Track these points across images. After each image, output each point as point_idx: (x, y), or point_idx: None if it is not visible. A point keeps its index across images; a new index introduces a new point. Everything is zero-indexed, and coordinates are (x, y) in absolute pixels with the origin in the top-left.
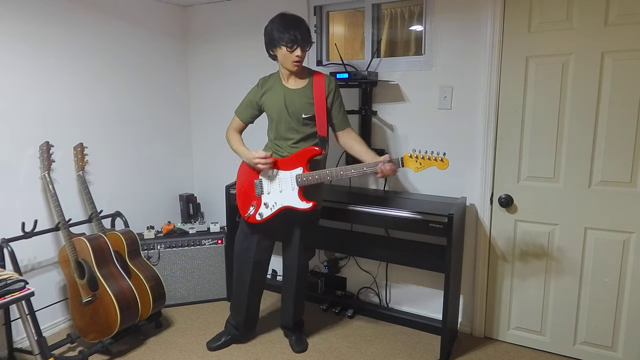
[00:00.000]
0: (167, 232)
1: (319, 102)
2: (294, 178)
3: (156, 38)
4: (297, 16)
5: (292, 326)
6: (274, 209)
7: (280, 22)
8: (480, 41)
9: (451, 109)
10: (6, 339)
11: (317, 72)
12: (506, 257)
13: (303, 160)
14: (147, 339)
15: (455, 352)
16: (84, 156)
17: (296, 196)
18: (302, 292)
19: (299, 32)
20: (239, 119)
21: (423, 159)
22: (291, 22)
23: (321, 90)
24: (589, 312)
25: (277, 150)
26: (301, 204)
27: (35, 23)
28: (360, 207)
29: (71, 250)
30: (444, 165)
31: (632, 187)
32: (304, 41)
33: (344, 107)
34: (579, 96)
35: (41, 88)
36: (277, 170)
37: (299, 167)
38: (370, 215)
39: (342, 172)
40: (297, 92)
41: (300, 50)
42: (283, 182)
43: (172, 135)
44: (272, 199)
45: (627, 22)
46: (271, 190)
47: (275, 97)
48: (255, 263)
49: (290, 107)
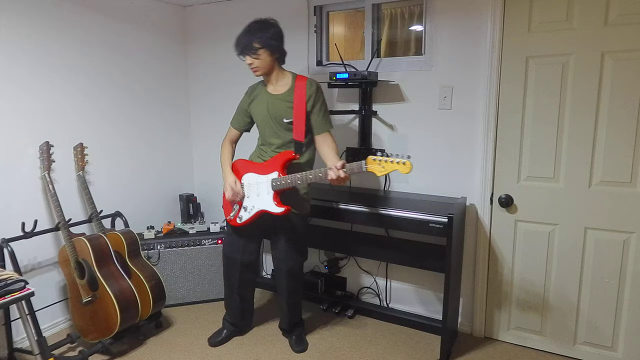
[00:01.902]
0: (167, 232)
1: (299, 107)
2: (269, 182)
3: (156, 38)
4: (252, 22)
5: (288, 328)
6: (252, 212)
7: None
8: (480, 41)
9: (451, 109)
10: (6, 339)
11: (301, 76)
12: (506, 257)
13: (278, 164)
14: (147, 339)
15: (455, 352)
16: (84, 156)
17: (271, 200)
18: (295, 296)
19: (238, 41)
20: (234, 128)
21: (386, 162)
22: (241, 32)
23: (302, 94)
24: (589, 312)
25: (261, 155)
26: (275, 208)
27: (35, 23)
28: (360, 207)
29: (71, 250)
30: (406, 168)
31: (632, 187)
32: (242, 50)
33: (325, 111)
34: (579, 96)
35: (41, 88)
36: (256, 174)
37: (275, 171)
38: (370, 215)
39: (310, 176)
40: (279, 97)
41: (248, 58)
42: (260, 186)
43: (172, 135)
44: (250, 203)
45: (627, 22)
46: (250, 194)
47: (260, 104)
48: (242, 265)
49: (272, 112)
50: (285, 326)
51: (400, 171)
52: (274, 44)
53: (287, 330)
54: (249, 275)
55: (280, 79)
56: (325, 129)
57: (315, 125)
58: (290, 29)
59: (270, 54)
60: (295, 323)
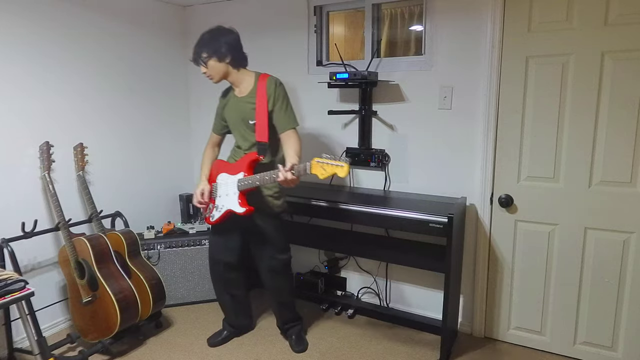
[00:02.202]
0: (167, 232)
1: (261, 107)
2: (235, 182)
3: (156, 38)
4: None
5: (282, 327)
6: (222, 211)
7: None
8: (480, 41)
9: (451, 109)
10: (6, 339)
11: (264, 75)
12: (506, 257)
13: (244, 165)
14: (147, 339)
15: (455, 352)
16: (84, 156)
17: (236, 200)
18: (282, 294)
19: (192, 52)
20: (213, 132)
21: (327, 165)
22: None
23: (263, 94)
24: (589, 312)
25: (233, 156)
26: (238, 208)
27: (35, 23)
28: (360, 207)
29: (71, 250)
30: (343, 171)
31: (632, 187)
32: (193, 60)
33: (287, 108)
34: (579, 96)
35: (41, 88)
36: (227, 174)
37: (241, 172)
38: (370, 215)
39: (266, 177)
40: (243, 100)
41: (202, 67)
42: (229, 186)
43: (172, 135)
44: (221, 202)
45: (627, 22)
46: (221, 193)
47: (230, 108)
48: (225, 265)
49: (240, 115)
50: (279, 325)
51: (338, 174)
52: (222, 52)
53: (282, 330)
54: (233, 274)
55: (243, 81)
56: (287, 126)
57: (277, 124)
58: (290, 29)
59: (218, 61)
60: (289, 322)
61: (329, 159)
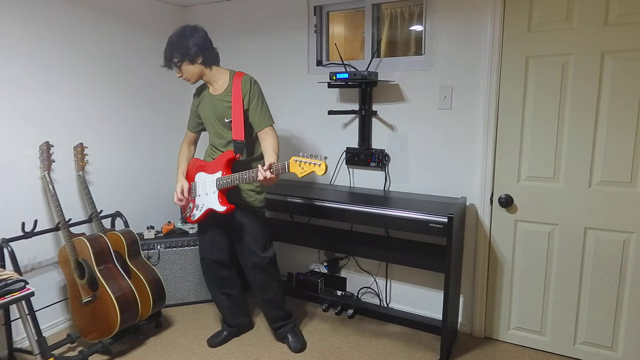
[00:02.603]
0: (167, 232)
1: (236, 105)
2: (214, 181)
3: (156, 38)
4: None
5: (270, 325)
6: (202, 210)
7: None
8: (480, 41)
9: (451, 109)
10: (6, 339)
11: (239, 73)
12: (506, 257)
13: (222, 164)
14: (147, 339)
15: (455, 352)
16: (84, 156)
17: (216, 199)
18: (267, 292)
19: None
20: (188, 129)
21: (305, 164)
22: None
23: (238, 92)
24: (589, 312)
25: (211, 155)
26: (219, 206)
27: (34, 24)
28: (360, 207)
29: (71, 250)
30: (321, 170)
31: (632, 187)
32: (165, 64)
33: (263, 106)
34: (579, 96)
35: (41, 88)
36: (205, 173)
37: (219, 170)
38: (370, 215)
39: (245, 176)
40: (218, 98)
41: (175, 71)
42: (208, 185)
43: (172, 135)
44: (201, 201)
45: (627, 22)
46: (200, 192)
47: (205, 105)
48: (214, 263)
49: (214, 113)
50: (269, 323)
51: (317, 172)
52: (192, 55)
53: (273, 329)
54: (226, 272)
55: (218, 79)
56: (264, 124)
57: (254, 122)
58: (290, 29)
59: (190, 63)
60: (278, 320)
61: (306, 158)
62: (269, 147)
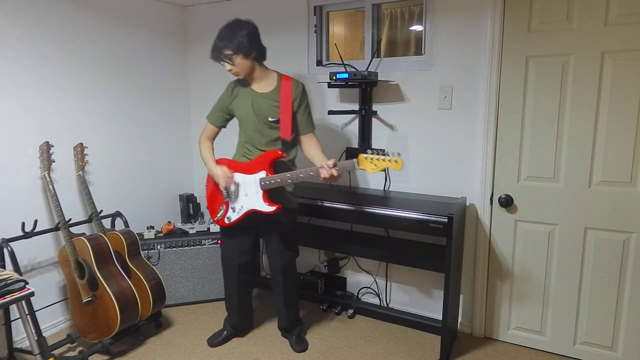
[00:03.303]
0: (167, 232)
1: (285, 106)
2: (258, 182)
3: (156, 38)
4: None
5: (288, 327)
6: (241, 212)
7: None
8: (480, 41)
9: (451, 109)
10: (6, 339)
11: (286, 76)
12: (506, 257)
13: (265, 163)
14: (147, 339)
15: (455, 352)
16: (84, 156)
17: (261, 199)
18: (292, 293)
19: (212, 49)
20: (212, 125)
21: (378, 160)
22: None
23: (288, 94)
24: (589, 312)
25: (246, 154)
26: (265, 207)
27: (34, 24)
28: (360, 207)
29: (71, 250)
30: (397, 165)
31: (632, 187)
32: (215, 57)
33: (309, 111)
34: (579, 96)
35: (41, 88)
36: (242, 174)
37: (262, 170)
38: (370, 215)
39: (301, 175)
40: (265, 96)
41: (226, 65)
42: (248, 186)
43: (172, 135)
44: (238, 203)
45: (627, 22)
46: (238, 194)
47: (244, 101)
48: (239, 266)
49: (257, 110)
50: (285, 325)
51: (393, 168)
52: (247, 48)
53: (286, 330)
54: (246, 276)
55: (264, 77)
56: (309, 129)
57: (300, 126)
58: (290, 29)
59: (244, 57)
60: (295, 321)
61: (376, 155)
62: (318, 150)
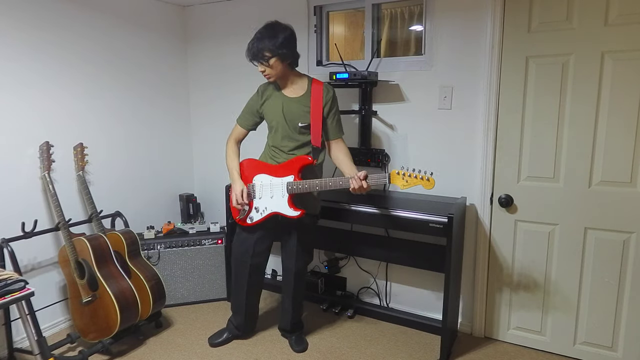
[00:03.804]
0: (167, 232)
1: (316, 112)
2: (285, 185)
3: (156, 38)
4: (262, 28)
5: (289, 328)
6: (264, 213)
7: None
8: (480, 41)
9: (451, 109)
10: (6, 339)
11: (317, 80)
12: (506, 257)
13: (295, 168)
14: (147, 339)
15: (455, 352)
16: (84, 156)
17: (286, 203)
18: (300, 295)
19: (249, 48)
20: (241, 127)
21: (410, 177)
22: (252, 38)
23: (319, 99)
24: (589, 312)
25: (273, 157)
26: (290, 211)
27: (34, 24)
28: (360, 207)
29: (71, 250)
30: (429, 185)
31: (632, 187)
32: (252, 57)
33: (338, 117)
34: (579, 96)
35: (41, 88)
36: (270, 176)
37: (291, 174)
38: (370, 215)
39: (330, 183)
40: (295, 101)
41: (260, 66)
42: (274, 189)
43: (172, 135)
44: (262, 204)
45: (627, 22)
46: (263, 195)
47: (274, 105)
48: (252, 267)
49: (287, 115)
50: (287, 326)
51: (424, 187)
52: (285, 52)
53: (288, 331)
54: (257, 278)
55: (295, 82)
56: (338, 135)
57: (330, 131)
58: None
59: (281, 61)
60: (297, 323)
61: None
62: (347, 157)
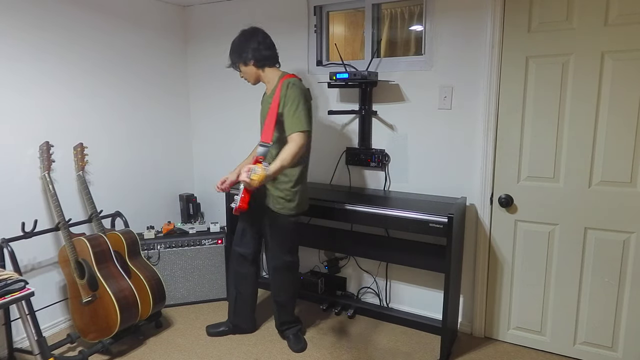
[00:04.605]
0: (167, 232)
1: (273, 107)
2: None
3: (156, 38)
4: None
5: (278, 327)
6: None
7: None
8: (480, 41)
9: (451, 109)
10: (6, 339)
11: (287, 75)
12: (506, 257)
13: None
14: (147, 339)
15: (455, 352)
16: (84, 156)
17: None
18: (281, 295)
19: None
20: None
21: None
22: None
23: (277, 95)
24: (589, 312)
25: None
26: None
27: (34, 24)
28: (360, 207)
29: (71, 250)
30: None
31: (632, 187)
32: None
33: (297, 111)
34: (579, 96)
35: (41, 88)
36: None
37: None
38: (370, 215)
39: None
40: (266, 99)
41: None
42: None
43: (172, 135)
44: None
45: (627, 22)
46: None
47: (261, 106)
48: (238, 255)
49: (262, 113)
50: (276, 325)
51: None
52: (245, 56)
53: (279, 330)
54: (245, 268)
55: (270, 81)
56: (292, 130)
57: (285, 126)
58: (290, 29)
59: (244, 65)
60: (285, 323)
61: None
62: (281, 153)
